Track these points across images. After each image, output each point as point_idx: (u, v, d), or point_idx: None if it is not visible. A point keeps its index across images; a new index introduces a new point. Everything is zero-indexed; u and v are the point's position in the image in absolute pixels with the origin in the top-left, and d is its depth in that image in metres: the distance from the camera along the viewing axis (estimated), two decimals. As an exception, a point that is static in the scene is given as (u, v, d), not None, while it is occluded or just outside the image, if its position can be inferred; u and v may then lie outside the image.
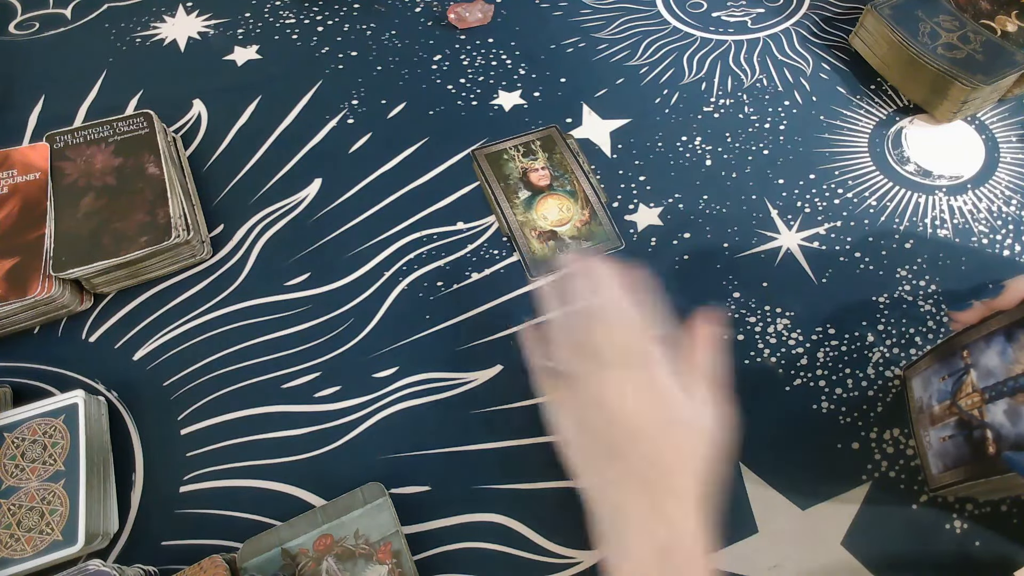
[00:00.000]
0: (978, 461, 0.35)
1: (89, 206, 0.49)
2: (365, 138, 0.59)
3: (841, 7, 0.70)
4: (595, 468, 0.32)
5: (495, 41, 0.66)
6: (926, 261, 0.52)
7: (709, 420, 0.32)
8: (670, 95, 0.62)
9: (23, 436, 0.41)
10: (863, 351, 0.48)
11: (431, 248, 0.53)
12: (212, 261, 0.52)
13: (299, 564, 0.37)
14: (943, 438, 0.38)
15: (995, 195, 0.56)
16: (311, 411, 0.46)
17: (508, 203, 0.54)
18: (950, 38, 0.59)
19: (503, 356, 0.48)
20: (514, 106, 0.61)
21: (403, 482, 0.43)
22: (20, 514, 0.38)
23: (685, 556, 0.29)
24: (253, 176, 0.56)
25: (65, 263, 0.46)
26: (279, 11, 0.68)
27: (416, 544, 0.40)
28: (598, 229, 0.53)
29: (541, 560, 0.40)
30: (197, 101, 0.61)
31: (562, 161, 0.56)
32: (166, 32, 0.66)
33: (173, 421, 0.45)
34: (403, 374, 0.47)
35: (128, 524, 0.41)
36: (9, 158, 0.51)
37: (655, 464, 0.30)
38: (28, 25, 0.66)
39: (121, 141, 0.53)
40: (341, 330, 0.49)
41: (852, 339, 0.48)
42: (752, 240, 0.53)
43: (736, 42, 0.67)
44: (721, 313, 0.38)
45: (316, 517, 0.39)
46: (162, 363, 0.47)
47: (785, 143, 0.59)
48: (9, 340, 0.47)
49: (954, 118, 0.60)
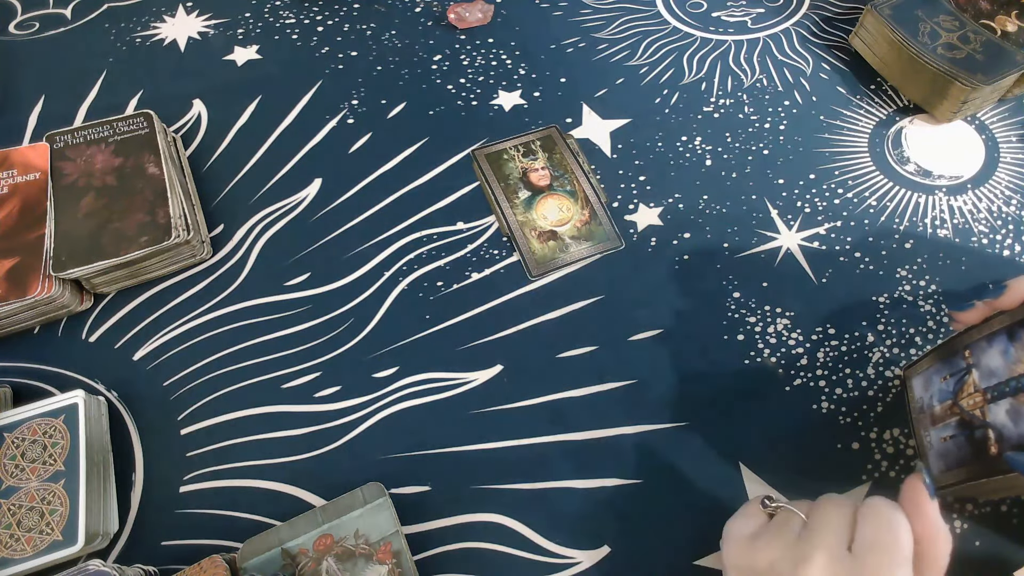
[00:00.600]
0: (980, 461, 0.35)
1: (89, 206, 0.49)
2: (365, 138, 0.59)
3: (841, 7, 0.70)
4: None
5: (495, 41, 0.66)
6: (926, 261, 0.52)
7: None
8: (670, 95, 0.62)
9: (23, 436, 0.41)
10: (863, 351, 0.48)
11: (431, 248, 0.53)
12: (212, 261, 0.52)
13: (299, 564, 0.37)
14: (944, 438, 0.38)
15: (995, 195, 0.56)
16: (311, 411, 0.46)
17: (508, 203, 0.54)
18: (950, 38, 0.59)
19: (503, 356, 0.48)
20: (514, 106, 0.61)
21: (403, 482, 0.43)
22: (20, 514, 0.38)
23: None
24: (253, 176, 0.56)
25: (65, 263, 0.46)
26: (279, 11, 0.68)
27: (416, 544, 0.40)
28: (598, 229, 0.53)
29: (541, 560, 0.40)
30: (197, 101, 0.61)
31: (562, 161, 0.56)
32: (166, 32, 0.66)
33: (173, 421, 0.45)
34: (403, 374, 0.47)
35: (128, 524, 0.41)
36: (9, 158, 0.51)
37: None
38: (28, 25, 0.66)
39: (121, 141, 0.53)
40: (341, 330, 0.49)
41: (852, 339, 0.48)
42: (752, 240, 0.53)
43: (736, 42, 0.67)
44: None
45: (316, 517, 0.39)
46: (162, 363, 0.47)
47: (785, 143, 0.59)
48: (9, 340, 0.47)
49: (954, 118, 0.60)
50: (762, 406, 0.46)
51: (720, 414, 0.45)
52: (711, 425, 0.45)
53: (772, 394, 0.46)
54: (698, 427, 0.45)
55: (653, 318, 0.49)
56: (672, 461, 0.44)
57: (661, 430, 0.45)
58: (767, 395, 0.46)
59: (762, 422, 0.45)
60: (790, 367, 0.47)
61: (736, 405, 0.46)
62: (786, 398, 0.46)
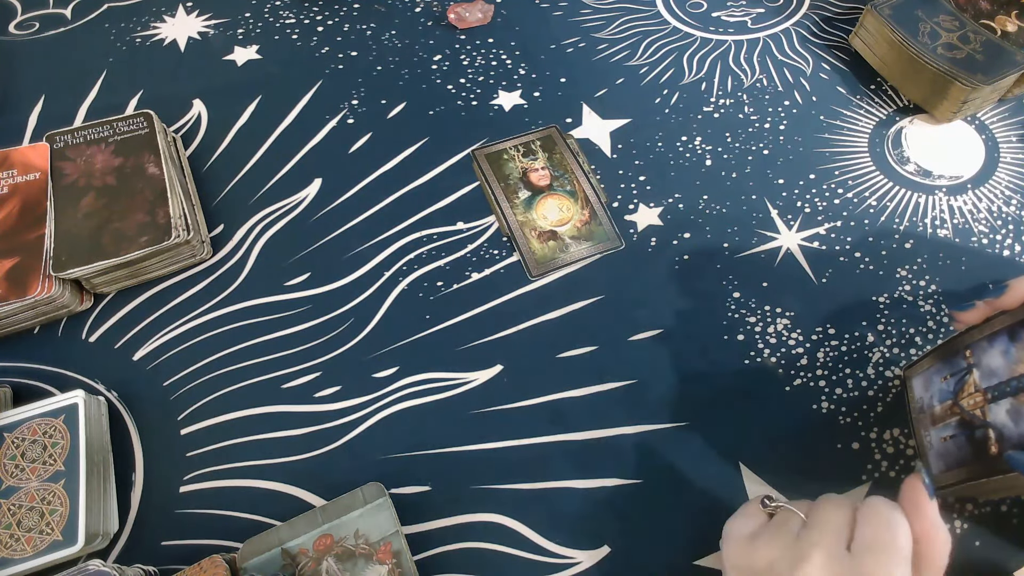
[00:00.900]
0: (980, 461, 0.35)
1: (89, 206, 0.49)
2: (365, 138, 0.59)
3: (841, 7, 0.70)
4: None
5: (495, 41, 0.66)
6: (926, 261, 0.52)
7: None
8: (670, 95, 0.62)
9: (23, 436, 0.41)
10: (863, 351, 0.48)
11: (431, 248, 0.53)
12: (212, 261, 0.52)
13: (299, 564, 0.37)
14: (944, 438, 0.38)
15: (995, 195, 0.56)
16: (311, 411, 0.46)
17: (508, 203, 0.54)
18: (950, 38, 0.59)
19: (503, 356, 0.48)
20: (514, 106, 0.61)
21: (403, 482, 0.43)
22: (20, 514, 0.38)
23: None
24: (253, 176, 0.56)
25: (65, 263, 0.46)
26: (279, 11, 0.68)
27: (416, 544, 0.40)
28: (598, 229, 0.53)
29: (541, 560, 0.40)
30: (197, 101, 0.61)
31: (562, 161, 0.56)
32: (166, 32, 0.66)
33: (173, 421, 0.45)
34: (403, 374, 0.47)
35: (128, 524, 0.41)
36: (9, 158, 0.51)
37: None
38: (28, 25, 0.66)
39: (121, 141, 0.53)
40: (341, 330, 0.49)
41: (852, 339, 0.48)
42: (752, 240, 0.53)
43: (736, 42, 0.67)
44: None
45: (316, 517, 0.39)
46: (162, 363, 0.47)
47: (785, 143, 0.59)
48: (9, 340, 0.47)
49: (954, 118, 0.60)
50: (762, 406, 0.46)
51: (720, 414, 0.45)
52: (711, 425, 0.45)
53: (772, 394, 0.46)
54: (698, 427, 0.45)
55: (653, 318, 0.49)
56: (672, 461, 0.44)
57: (661, 430, 0.45)
58: (767, 395, 0.46)
59: (762, 422, 0.45)
60: (790, 367, 0.47)
61: (736, 405, 0.46)
62: (786, 398, 0.46)
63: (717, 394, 0.46)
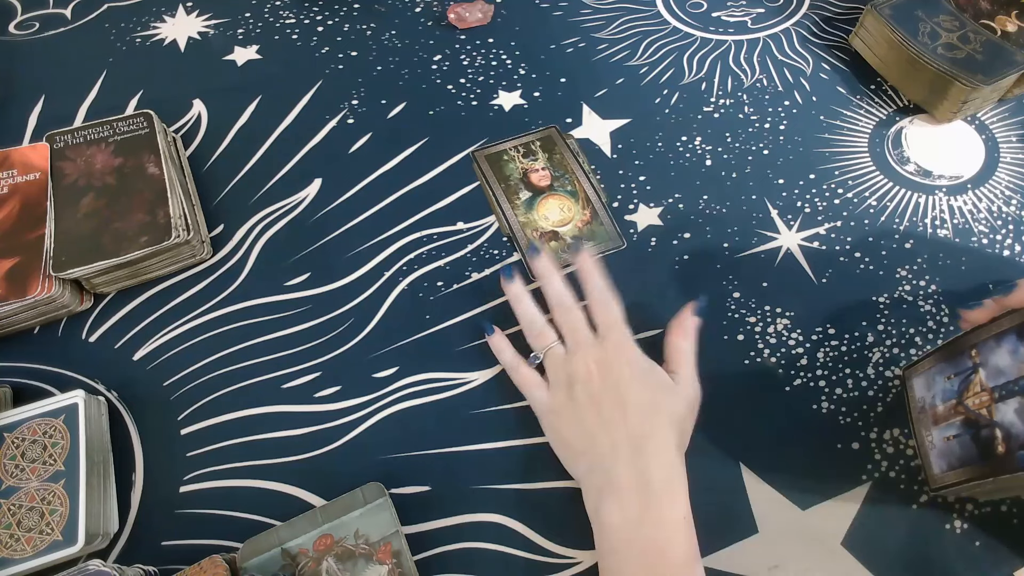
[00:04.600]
0: (986, 461, 0.35)
1: (89, 206, 0.49)
2: (365, 138, 0.59)
3: (841, 7, 0.70)
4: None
5: (495, 41, 0.66)
6: (926, 261, 0.52)
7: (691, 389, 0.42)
8: (670, 95, 0.62)
9: (23, 436, 0.41)
10: (863, 351, 0.48)
11: (431, 248, 0.53)
12: (212, 261, 0.52)
13: (299, 564, 0.37)
14: (947, 438, 0.38)
15: (995, 195, 0.56)
16: (311, 411, 0.46)
17: (509, 204, 0.54)
18: (950, 38, 0.59)
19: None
20: (514, 106, 0.61)
21: (403, 482, 0.43)
22: (20, 514, 0.38)
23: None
24: (253, 176, 0.56)
25: (65, 263, 0.46)
26: (279, 11, 0.68)
27: (416, 544, 0.40)
28: (599, 229, 0.53)
29: (541, 560, 0.40)
30: (197, 101, 0.61)
31: (562, 161, 0.56)
32: (166, 32, 0.66)
33: (173, 421, 0.45)
34: (403, 374, 0.47)
35: (128, 524, 0.41)
36: (9, 158, 0.51)
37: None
38: (28, 25, 0.66)
39: (121, 141, 0.53)
40: (341, 330, 0.49)
41: (852, 339, 0.48)
42: (752, 240, 0.53)
43: (736, 42, 0.67)
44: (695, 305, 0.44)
45: (316, 517, 0.39)
46: (162, 363, 0.47)
47: (785, 143, 0.59)
48: (9, 340, 0.47)
49: (954, 118, 0.60)
50: (762, 406, 0.46)
51: (720, 414, 0.45)
52: (711, 425, 0.45)
53: (772, 394, 0.46)
54: (698, 427, 0.44)
55: (653, 318, 0.49)
56: (672, 461, 0.44)
57: (661, 430, 0.45)
58: (767, 395, 0.46)
59: (762, 422, 0.45)
60: (790, 367, 0.47)
61: (736, 405, 0.46)
62: (786, 398, 0.46)
63: (717, 394, 0.46)
